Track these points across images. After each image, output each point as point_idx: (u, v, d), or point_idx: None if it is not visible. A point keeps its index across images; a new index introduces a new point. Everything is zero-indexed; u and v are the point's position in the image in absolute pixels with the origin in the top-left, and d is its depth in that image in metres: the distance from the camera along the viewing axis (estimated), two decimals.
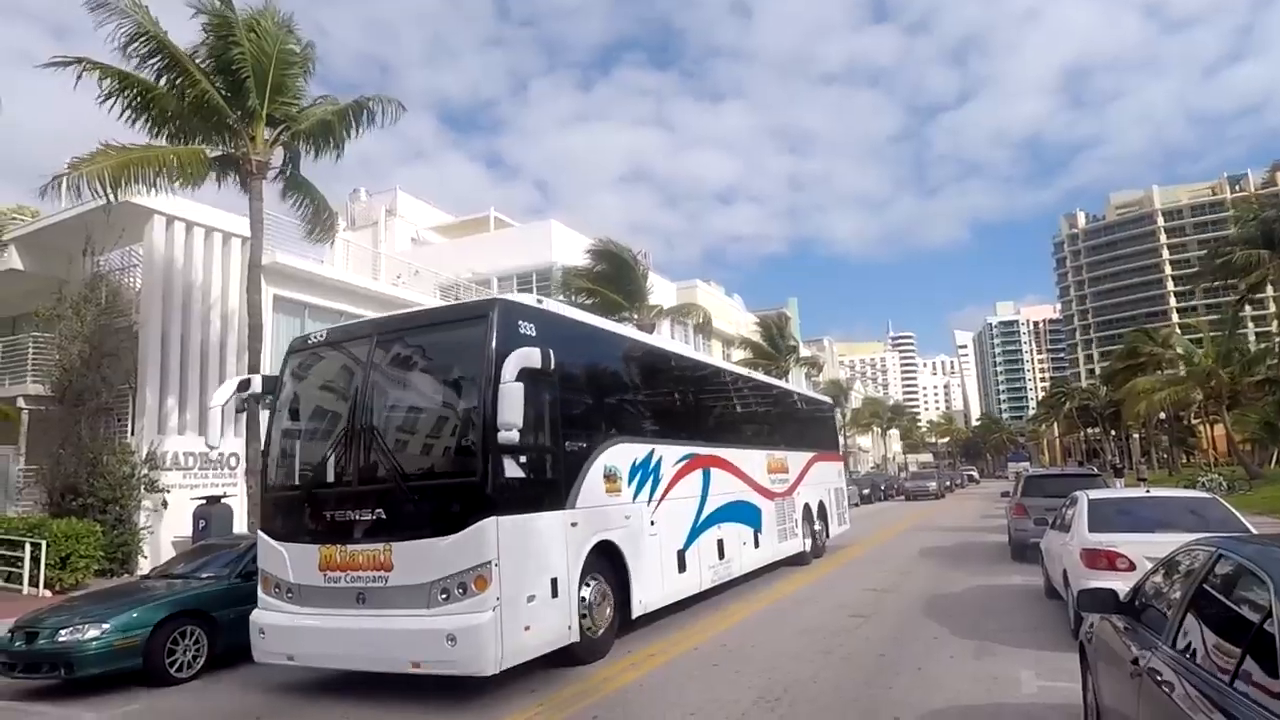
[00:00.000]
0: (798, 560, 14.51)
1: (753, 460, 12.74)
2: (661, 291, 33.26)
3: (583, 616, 7.39)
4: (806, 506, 15.26)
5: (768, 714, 5.81)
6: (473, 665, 6.12)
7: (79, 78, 13.47)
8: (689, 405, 11.07)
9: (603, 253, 26.04)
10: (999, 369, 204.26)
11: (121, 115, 14.08)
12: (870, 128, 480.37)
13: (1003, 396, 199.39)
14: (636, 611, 8.39)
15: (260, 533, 7.54)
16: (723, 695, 6.31)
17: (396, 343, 7.47)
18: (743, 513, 11.93)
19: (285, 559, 7.07)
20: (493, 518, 6.35)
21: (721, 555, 10.87)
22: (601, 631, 7.72)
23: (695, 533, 10.14)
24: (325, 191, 17.08)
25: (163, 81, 14.42)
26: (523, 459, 6.77)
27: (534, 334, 7.17)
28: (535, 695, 6.55)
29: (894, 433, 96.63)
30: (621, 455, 8.49)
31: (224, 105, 14.66)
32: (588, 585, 7.60)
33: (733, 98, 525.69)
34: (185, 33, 14.54)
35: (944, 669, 6.88)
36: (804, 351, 53.33)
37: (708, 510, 10.61)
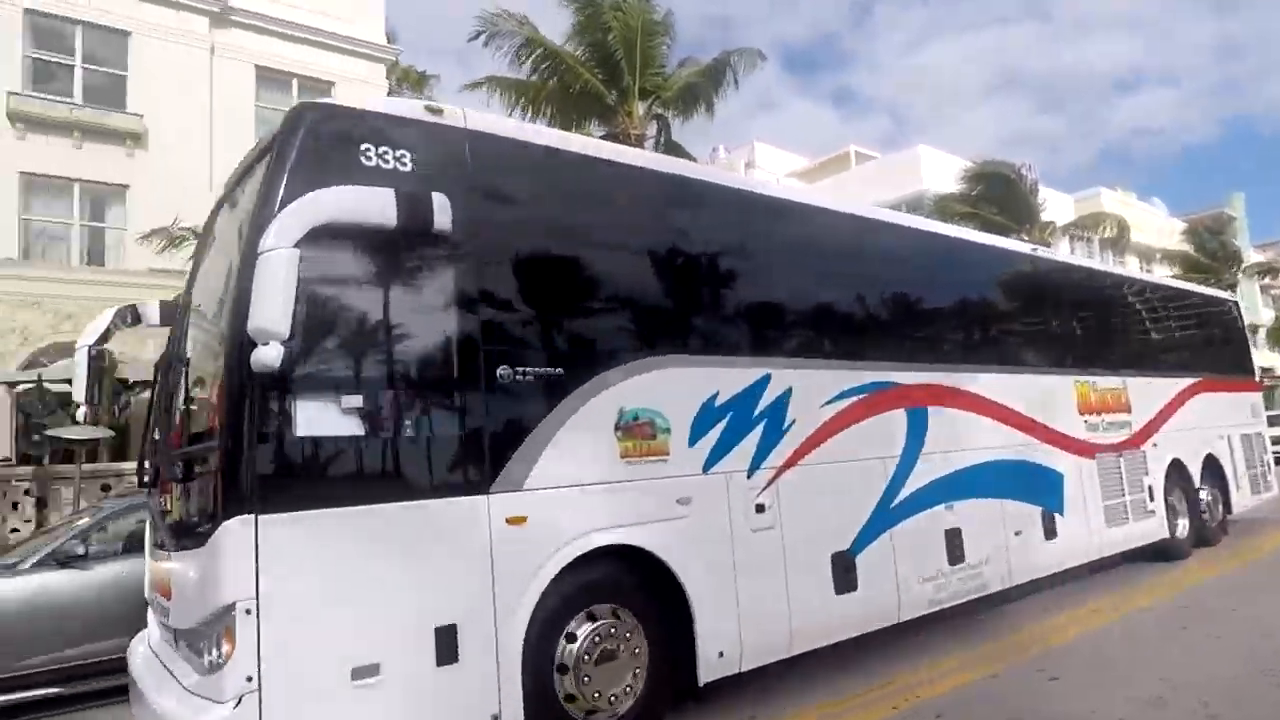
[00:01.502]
0: (1157, 554, 8.79)
1: (1040, 391, 7.56)
2: (1056, 206, 29.79)
3: (562, 700, 3.95)
4: (1175, 465, 9.25)
5: None
6: None
7: (490, 94, 16.00)
8: (861, 295, 6.19)
9: (980, 174, 24.26)
10: None
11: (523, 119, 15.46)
12: None
13: None
14: (712, 674, 4.57)
15: None
16: None
17: (220, 209, 4.62)
18: (1012, 479, 6.95)
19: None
20: (240, 518, 3.21)
21: (956, 555, 6.26)
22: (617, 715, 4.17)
23: (882, 520, 5.73)
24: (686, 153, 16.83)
25: (550, 82, 15.97)
26: (341, 398, 3.50)
27: (405, 167, 3.81)
28: None
29: None
30: (668, 388, 4.66)
31: (601, 89, 15.77)
32: (571, 638, 4.08)
33: None
34: (549, 24, 16.68)
35: None
36: (1254, 257, 41.16)
37: (917, 479, 6.05)
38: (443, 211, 3.79)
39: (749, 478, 4.98)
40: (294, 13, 18.01)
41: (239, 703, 3.08)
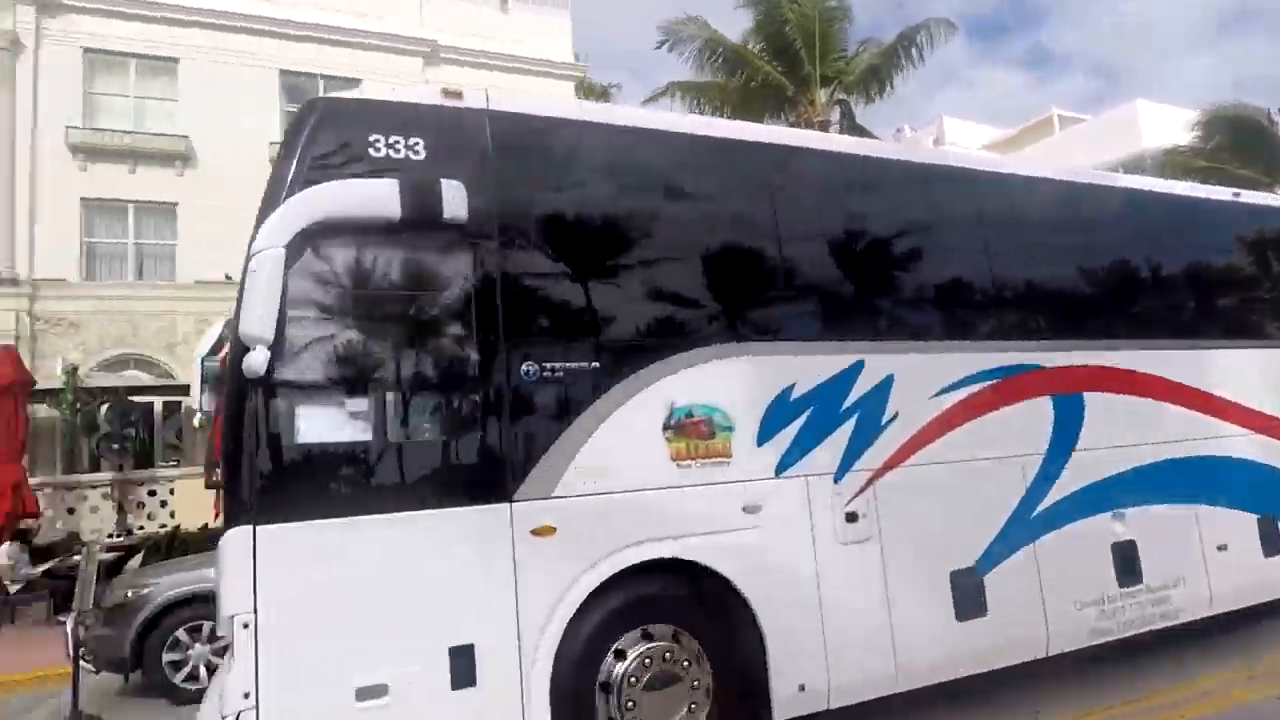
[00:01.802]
0: None
1: (1256, 370, 6.07)
2: None
3: None
4: None
5: None
6: None
7: (672, 99, 16.68)
8: (984, 262, 5.14)
9: (1215, 120, 20.95)
10: None
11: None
12: None
13: None
14: (791, 711, 3.94)
15: None
16: None
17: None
18: (1213, 479, 5.58)
19: None
20: (238, 529, 3.13)
21: (1130, 575, 5.08)
22: None
23: (1020, 532, 4.74)
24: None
25: (731, 80, 16.43)
26: (343, 402, 3.34)
27: (418, 155, 3.61)
28: None
29: None
30: (729, 380, 4.11)
31: (782, 80, 16.01)
32: (620, 655, 3.66)
33: None
34: (727, 27, 16.89)
35: None
36: None
37: (1069, 482, 4.97)
38: (454, 199, 3.55)
39: (837, 482, 4.30)
40: (491, 43, 18.81)
41: None
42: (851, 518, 4.29)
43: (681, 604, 3.88)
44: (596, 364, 3.83)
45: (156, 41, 16.46)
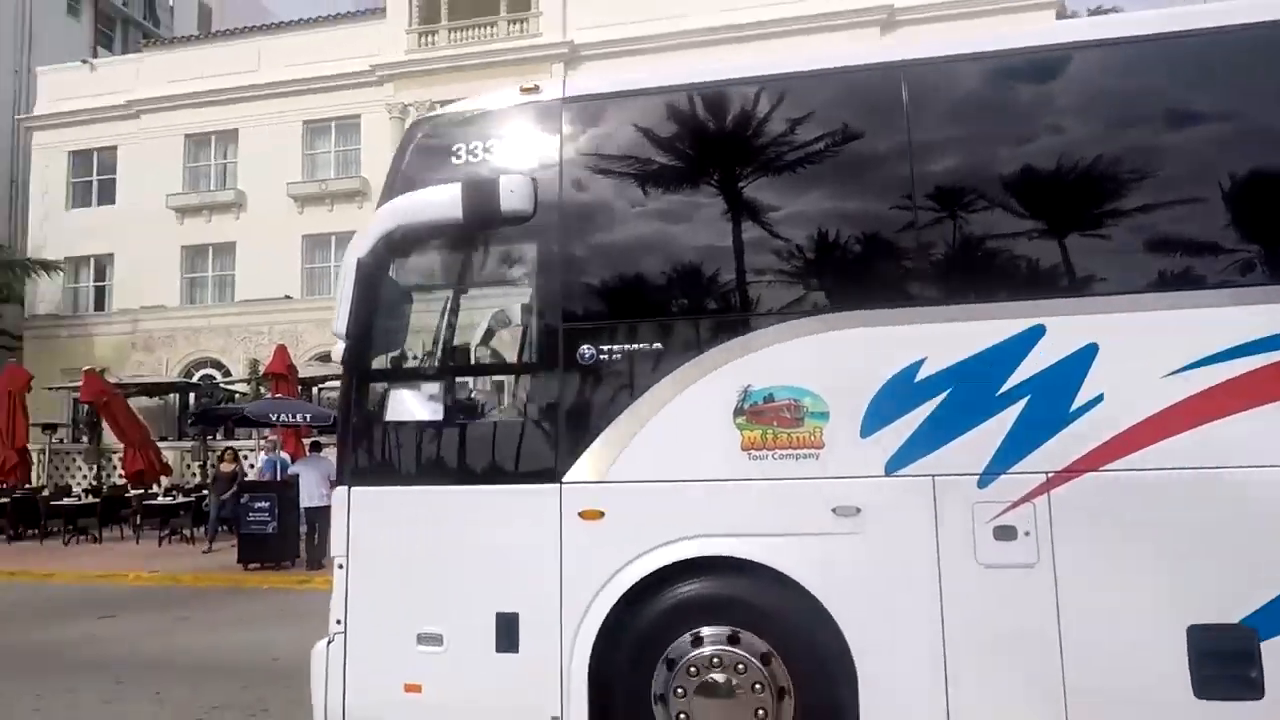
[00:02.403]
0: None
1: None
2: None
3: None
4: None
5: None
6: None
7: None
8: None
9: None
10: None
11: None
12: None
13: None
14: None
15: None
16: None
17: None
18: None
19: None
20: (342, 488, 3.81)
21: None
22: None
23: None
24: None
25: None
26: (420, 386, 3.78)
27: (489, 156, 3.86)
28: None
29: None
30: (825, 358, 3.45)
31: None
32: (670, 664, 3.43)
33: None
34: None
35: None
36: None
37: None
38: (515, 194, 3.69)
39: (983, 487, 3.29)
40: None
41: (331, 641, 3.69)
42: (1004, 533, 3.25)
43: (753, 616, 3.45)
44: (659, 344, 3.60)
45: (228, 119, 21.68)
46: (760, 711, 3.32)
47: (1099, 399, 3.24)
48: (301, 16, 22.86)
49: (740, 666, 3.37)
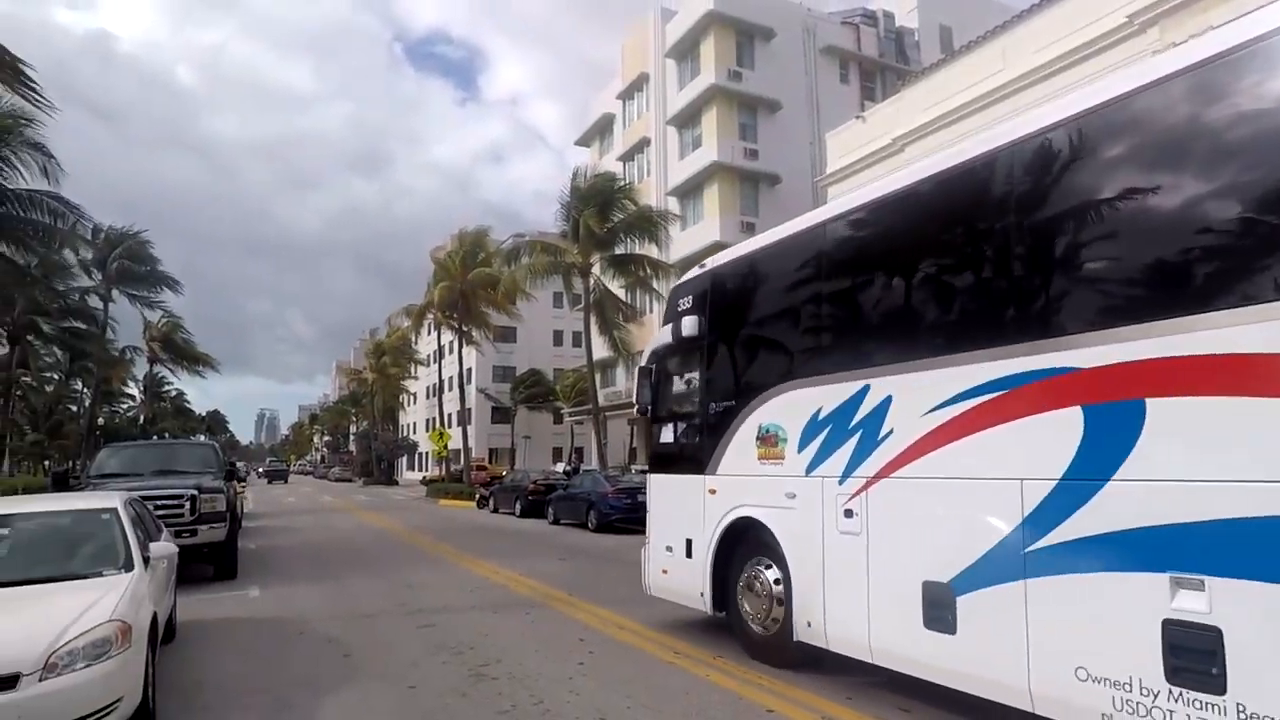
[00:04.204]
0: None
1: None
2: None
3: (728, 599, 6.78)
4: None
5: None
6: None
7: None
8: (968, 272, 4.87)
9: None
10: None
11: None
12: None
13: None
14: (801, 631, 5.77)
15: None
16: None
17: None
18: None
19: None
20: (648, 474, 8.20)
21: (1197, 675, 3.37)
22: (762, 629, 6.39)
23: (1007, 564, 4.25)
24: None
25: None
26: (663, 427, 7.88)
27: (689, 304, 7.66)
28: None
29: None
30: (787, 407, 6.14)
31: None
32: (747, 570, 6.58)
33: None
34: None
35: None
36: None
37: (1089, 519, 3.87)
38: (689, 327, 7.39)
39: (840, 484, 5.52)
40: None
41: (644, 546, 8.02)
42: (848, 514, 5.43)
43: (749, 546, 6.45)
44: (733, 403, 6.80)
45: (980, 126, 17.29)
46: (770, 590, 6.24)
47: (892, 431, 5.12)
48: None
49: (761, 579, 6.33)
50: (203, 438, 66.07)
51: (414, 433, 73.58)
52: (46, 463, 47.73)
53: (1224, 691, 3.29)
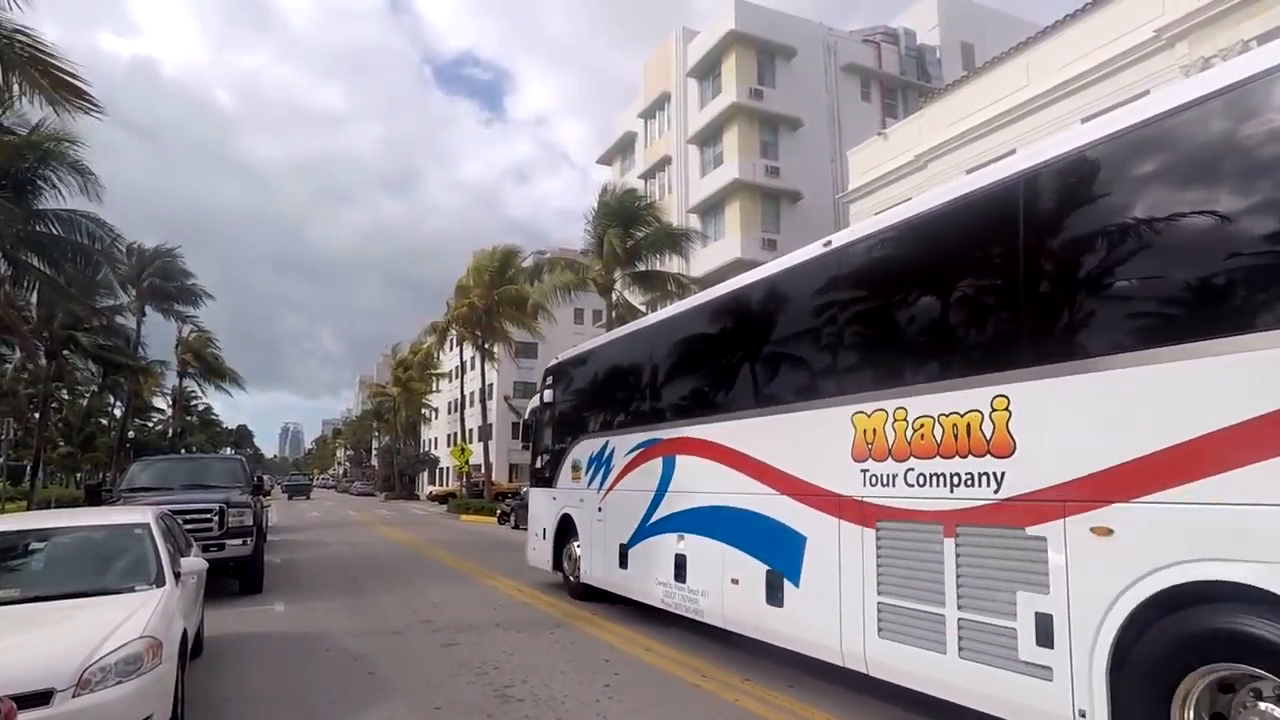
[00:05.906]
0: None
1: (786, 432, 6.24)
2: None
3: (560, 562, 10.85)
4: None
5: None
6: None
7: None
8: (649, 380, 8.97)
9: None
10: None
11: None
12: None
13: None
14: (584, 577, 10.01)
15: None
16: None
17: None
18: (736, 528, 6.75)
19: None
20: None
21: (679, 575, 7.68)
22: (572, 578, 10.39)
23: (642, 533, 8.50)
24: None
25: None
26: (536, 458, 11.86)
27: (549, 381, 11.17)
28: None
29: None
30: (583, 449, 10.15)
31: None
32: (567, 545, 10.55)
33: None
34: None
35: None
36: None
37: (662, 510, 8.09)
38: (545, 396, 11.07)
39: (598, 493, 9.52)
40: None
41: (529, 540, 8.98)
42: (599, 509, 9.50)
43: (573, 528, 10.45)
44: (564, 445, 10.38)
45: (1004, 143, 18.15)
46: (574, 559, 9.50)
47: (614, 466, 9.21)
48: (1064, 14, 18.98)
49: (570, 549, 9.69)
50: (230, 451, 66.96)
51: (435, 448, 74.00)
52: (78, 475, 48.56)
53: (685, 581, 7.51)
